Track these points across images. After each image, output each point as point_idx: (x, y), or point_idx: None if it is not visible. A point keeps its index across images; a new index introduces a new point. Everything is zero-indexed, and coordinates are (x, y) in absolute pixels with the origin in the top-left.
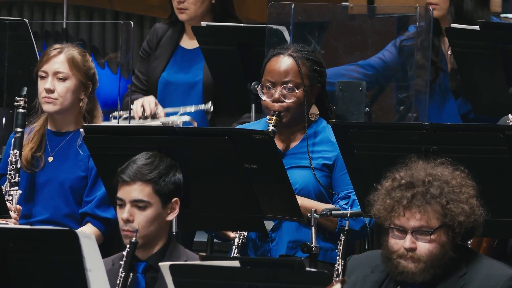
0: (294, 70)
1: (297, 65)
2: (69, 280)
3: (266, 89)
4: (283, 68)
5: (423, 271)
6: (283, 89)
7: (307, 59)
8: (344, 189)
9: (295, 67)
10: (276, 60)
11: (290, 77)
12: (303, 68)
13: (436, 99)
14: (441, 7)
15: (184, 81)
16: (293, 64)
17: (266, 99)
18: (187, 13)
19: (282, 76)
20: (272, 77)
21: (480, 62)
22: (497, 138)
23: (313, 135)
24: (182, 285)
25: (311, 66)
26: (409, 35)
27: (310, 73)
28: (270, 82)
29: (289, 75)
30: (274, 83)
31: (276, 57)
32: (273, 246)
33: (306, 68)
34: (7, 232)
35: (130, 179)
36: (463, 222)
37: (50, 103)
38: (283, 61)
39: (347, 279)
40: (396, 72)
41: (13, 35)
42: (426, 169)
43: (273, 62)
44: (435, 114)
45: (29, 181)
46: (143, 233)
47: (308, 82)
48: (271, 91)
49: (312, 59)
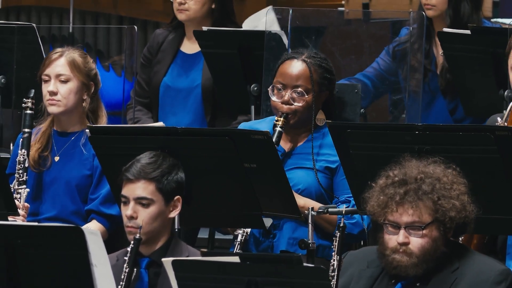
0: (306, 76)
1: (309, 71)
2: (75, 275)
3: (276, 90)
4: (295, 72)
5: (415, 265)
6: (293, 92)
7: (320, 66)
8: (345, 193)
9: (307, 72)
10: (289, 63)
11: (301, 82)
12: (315, 75)
13: (424, 98)
14: (438, 8)
15: (184, 86)
16: (306, 70)
17: (276, 100)
18: (187, 14)
19: (293, 80)
20: (284, 80)
21: (472, 65)
22: (487, 139)
23: (320, 138)
24: (184, 280)
25: (322, 73)
26: (401, 39)
27: (321, 80)
28: (281, 84)
29: (300, 79)
30: (285, 85)
31: (289, 61)
32: (274, 242)
33: (317, 74)
34: (15, 229)
35: (134, 177)
36: (454, 217)
37: (54, 104)
38: (296, 65)
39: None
40: (392, 77)
41: (21, 39)
42: (419, 167)
43: (286, 65)
44: (423, 113)
45: (36, 180)
46: (146, 229)
47: (318, 88)
48: (281, 92)
49: (324, 66)
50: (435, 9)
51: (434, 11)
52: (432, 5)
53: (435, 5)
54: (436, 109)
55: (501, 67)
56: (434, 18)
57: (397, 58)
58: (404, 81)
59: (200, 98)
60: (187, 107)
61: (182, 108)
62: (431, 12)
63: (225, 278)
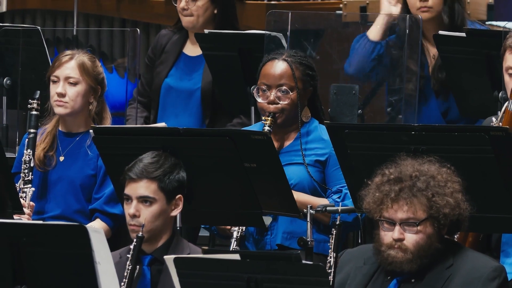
0: (288, 74)
1: (291, 69)
2: (79, 272)
3: (261, 91)
4: (277, 72)
5: (410, 260)
6: (278, 91)
7: (300, 63)
8: (336, 183)
9: (289, 71)
10: (271, 64)
11: (284, 81)
12: (297, 72)
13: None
14: (435, 10)
15: (185, 88)
16: (287, 68)
17: (261, 101)
18: (191, 20)
19: (277, 80)
20: (268, 80)
21: (467, 67)
22: (482, 139)
23: (306, 134)
24: (185, 277)
25: (304, 70)
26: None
27: (303, 77)
28: (266, 85)
29: (284, 78)
30: (269, 86)
31: (271, 62)
32: (270, 237)
33: (300, 72)
34: (21, 227)
35: (137, 176)
36: (448, 214)
37: (61, 106)
38: (277, 65)
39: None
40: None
41: (26, 41)
42: (414, 165)
43: (268, 66)
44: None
45: (41, 179)
46: (149, 227)
47: (301, 85)
48: (266, 93)
49: (305, 63)
50: (432, 11)
51: (431, 13)
52: (429, 7)
53: (432, 6)
54: (428, 109)
55: (495, 68)
56: (430, 21)
57: (391, 54)
58: (401, 83)
59: (200, 101)
60: (188, 108)
61: (183, 109)
62: (427, 15)
63: (226, 275)
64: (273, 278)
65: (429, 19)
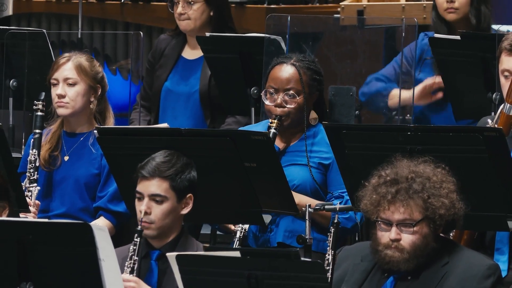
0: (296, 78)
1: (299, 73)
2: (84, 269)
3: (269, 94)
4: (285, 76)
5: (407, 260)
6: (285, 95)
7: (308, 68)
8: (338, 188)
9: (297, 75)
10: (279, 68)
11: (292, 85)
12: (304, 77)
13: (432, 104)
14: (461, 11)
15: (184, 91)
16: (295, 73)
17: (269, 104)
18: (188, 23)
19: (284, 83)
20: (275, 84)
21: (462, 70)
22: (476, 139)
23: (312, 136)
24: (187, 273)
25: (311, 75)
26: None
27: (310, 81)
28: (273, 88)
29: (291, 82)
30: (277, 89)
31: (279, 66)
32: (271, 235)
33: (307, 76)
34: (26, 225)
35: (150, 174)
36: (444, 214)
37: (62, 107)
38: (286, 69)
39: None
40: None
41: (32, 44)
42: (410, 166)
43: (277, 70)
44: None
45: (47, 179)
46: (159, 224)
47: (308, 89)
48: (273, 96)
49: (312, 68)
50: (458, 12)
51: (457, 14)
52: (456, 8)
53: (458, 8)
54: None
55: (489, 71)
56: (456, 22)
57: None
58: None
59: (199, 103)
60: (187, 111)
61: (183, 112)
62: (453, 16)
63: (227, 272)
64: (274, 275)
65: (457, 21)
